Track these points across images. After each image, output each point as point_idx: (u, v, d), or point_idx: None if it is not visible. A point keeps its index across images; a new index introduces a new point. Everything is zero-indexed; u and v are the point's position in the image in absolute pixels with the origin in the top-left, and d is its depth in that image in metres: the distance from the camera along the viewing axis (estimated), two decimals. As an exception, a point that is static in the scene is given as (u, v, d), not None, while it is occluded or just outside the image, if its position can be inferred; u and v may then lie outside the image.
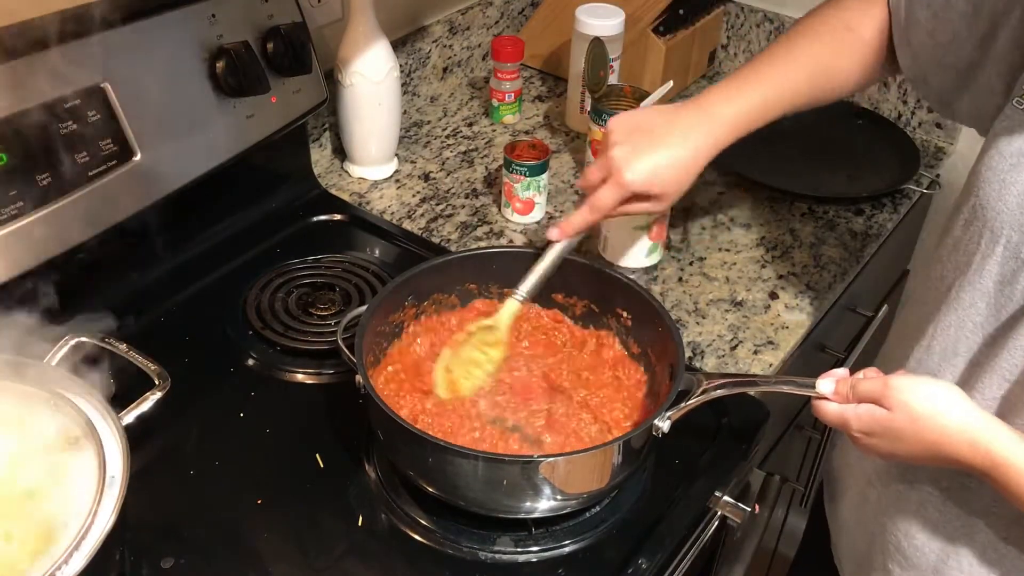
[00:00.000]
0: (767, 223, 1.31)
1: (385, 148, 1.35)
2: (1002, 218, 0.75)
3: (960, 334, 0.82)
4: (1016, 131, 0.76)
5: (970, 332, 0.81)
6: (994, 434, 0.71)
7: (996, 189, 0.76)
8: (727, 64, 1.70)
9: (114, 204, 0.98)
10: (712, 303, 1.17)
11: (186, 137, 1.04)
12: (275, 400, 1.01)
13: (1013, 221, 0.75)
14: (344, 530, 0.88)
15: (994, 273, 0.77)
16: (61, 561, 0.68)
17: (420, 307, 1.01)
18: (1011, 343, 0.76)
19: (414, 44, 1.47)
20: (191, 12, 1.03)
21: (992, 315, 0.78)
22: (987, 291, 0.78)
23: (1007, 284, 0.76)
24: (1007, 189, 0.75)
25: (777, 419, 1.13)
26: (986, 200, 0.77)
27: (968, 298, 0.80)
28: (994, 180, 0.76)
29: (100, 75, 0.95)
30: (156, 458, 0.92)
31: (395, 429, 0.83)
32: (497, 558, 0.87)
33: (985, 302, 0.78)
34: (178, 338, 1.07)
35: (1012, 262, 0.75)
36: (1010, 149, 0.76)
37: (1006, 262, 0.76)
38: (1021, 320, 0.75)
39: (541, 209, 1.29)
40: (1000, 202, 0.75)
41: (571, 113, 1.50)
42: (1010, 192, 0.75)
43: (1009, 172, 0.75)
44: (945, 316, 0.83)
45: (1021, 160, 0.75)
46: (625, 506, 0.92)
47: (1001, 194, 0.75)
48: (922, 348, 0.86)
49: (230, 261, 1.18)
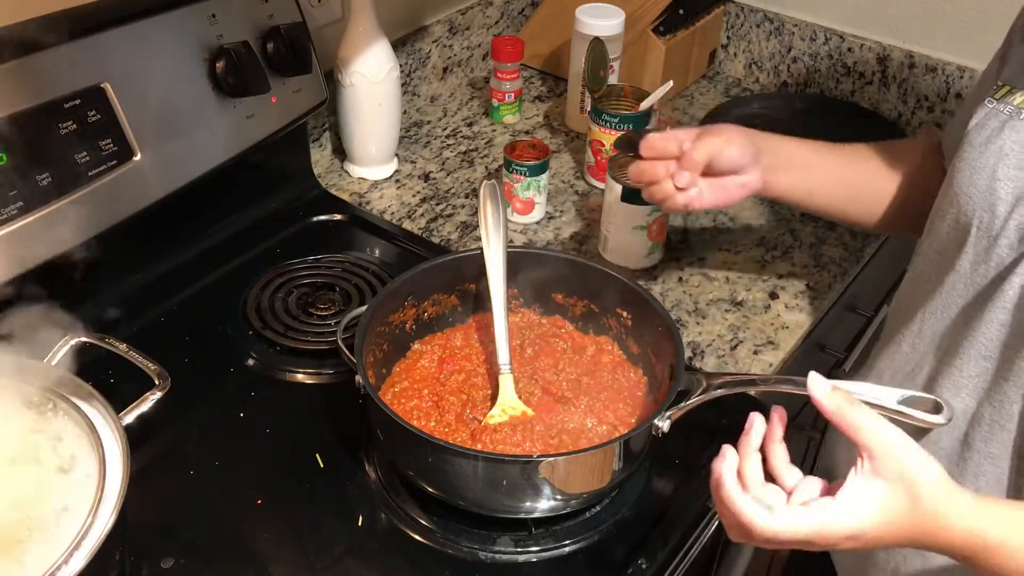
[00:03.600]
0: (767, 223, 1.31)
1: (385, 148, 1.35)
2: (974, 201, 0.80)
3: (945, 316, 0.86)
4: (984, 124, 0.83)
5: (952, 313, 0.85)
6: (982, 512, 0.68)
7: (967, 176, 0.82)
8: (727, 64, 1.70)
9: (114, 204, 0.98)
10: (712, 303, 1.17)
11: (186, 137, 1.04)
12: (275, 400, 1.01)
13: (984, 202, 0.80)
14: (344, 530, 0.88)
15: (969, 254, 0.81)
16: (61, 561, 0.68)
17: (420, 307, 1.01)
18: (987, 317, 0.79)
19: (414, 44, 1.47)
20: (191, 12, 1.03)
21: (969, 293, 0.82)
22: (964, 272, 0.82)
23: (980, 262, 0.81)
24: (977, 174, 0.81)
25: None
26: (959, 187, 0.82)
27: (950, 281, 0.84)
28: (965, 168, 0.82)
29: (100, 75, 0.95)
30: (156, 458, 0.92)
31: (395, 429, 0.83)
32: (497, 558, 0.87)
33: (963, 282, 0.82)
34: (178, 338, 1.07)
35: (984, 241, 0.80)
36: (979, 139, 0.82)
37: (979, 241, 0.80)
38: (994, 295, 0.79)
39: (541, 209, 1.29)
40: (972, 187, 0.81)
41: (571, 113, 1.50)
42: (980, 176, 0.80)
43: (978, 159, 0.81)
44: (933, 301, 0.87)
45: (988, 146, 0.81)
46: (625, 506, 0.92)
47: (972, 179, 0.81)
48: (913, 333, 0.90)
49: (230, 261, 1.18)
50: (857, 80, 1.57)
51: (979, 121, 0.84)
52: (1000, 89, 0.83)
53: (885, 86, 1.54)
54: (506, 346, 0.95)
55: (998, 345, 0.80)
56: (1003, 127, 0.80)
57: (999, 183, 0.78)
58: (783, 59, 1.63)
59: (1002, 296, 0.78)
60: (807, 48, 1.60)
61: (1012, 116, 0.80)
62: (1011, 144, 0.79)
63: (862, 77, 1.56)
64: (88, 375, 0.83)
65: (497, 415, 0.91)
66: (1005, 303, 0.78)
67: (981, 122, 0.83)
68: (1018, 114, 0.80)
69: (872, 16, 1.53)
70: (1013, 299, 0.77)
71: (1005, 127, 0.80)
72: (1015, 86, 0.82)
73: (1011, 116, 0.80)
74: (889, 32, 1.52)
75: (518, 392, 0.94)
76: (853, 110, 1.55)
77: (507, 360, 0.95)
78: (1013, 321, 0.78)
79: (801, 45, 1.60)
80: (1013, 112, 0.80)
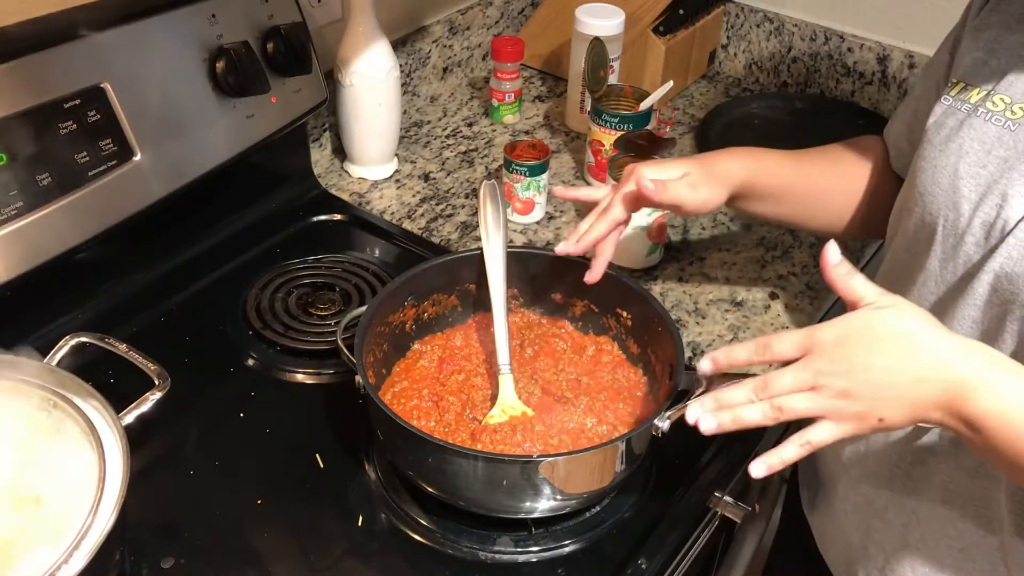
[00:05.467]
0: (767, 223, 1.31)
1: (385, 148, 1.35)
2: (938, 200, 0.81)
3: None
4: (942, 122, 0.83)
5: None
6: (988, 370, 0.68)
7: (930, 175, 0.82)
8: (727, 64, 1.70)
9: (114, 204, 0.98)
10: (712, 303, 1.17)
11: (186, 137, 1.04)
12: (275, 400, 1.01)
13: (947, 200, 0.80)
14: (344, 530, 0.88)
15: (938, 252, 0.81)
16: (61, 561, 0.68)
17: (420, 307, 1.01)
18: (958, 314, 0.79)
19: (414, 44, 1.47)
20: (191, 12, 1.03)
21: (939, 292, 0.82)
22: (933, 271, 0.82)
23: (948, 260, 0.81)
24: (939, 172, 0.81)
25: (777, 419, 1.12)
26: (923, 187, 0.82)
27: (920, 278, 0.84)
28: (927, 167, 0.82)
29: (100, 75, 0.95)
30: (156, 458, 0.93)
31: (395, 429, 0.83)
32: (497, 558, 0.87)
33: (933, 280, 0.82)
34: (178, 338, 1.07)
35: (951, 239, 0.80)
36: (939, 137, 0.82)
37: (945, 240, 0.80)
38: (964, 292, 0.79)
39: (541, 209, 1.29)
40: (935, 185, 0.81)
41: (571, 113, 1.50)
42: (942, 175, 0.80)
43: (938, 157, 0.81)
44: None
45: (948, 145, 0.81)
46: (625, 506, 0.92)
47: (935, 178, 0.81)
48: None
49: (230, 261, 1.18)
50: (857, 80, 1.57)
51: (937, 119, 0.84)
52: (955, 86, 0.84)
53: (885, 86, 1.54)
54: (506, 346, 0.95)
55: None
56: (961, 125, 0.81)
57: (961, 181, 0.78)
58: (783, 59, 1.63)
59: (972, 293, 0.78)
60: (807, 48, 1.60)
61: (969, 114, 0.81)
62: (970, 142, 0.79)
63: (862, 77, 1.56)
64: (88, 375, 0.83)
65: (497, 415, 0.91)
66: (976, 300, 0.78)
67: (939, 120, 0.84)
68: (974, 111, 0.80)
69: (872, 16, 1.53)
70: (983, 296, 0.77)
71: (963, 125, 0.81)
72: (969, 83, 0.83)
73: (968, 114, 0.81)
74: (889, 32, 1.52)
75: (518, 392, 0.94)
76: (853, 110, 1.55)
77: (507, 360, 0.95)
78: (983, 318, 0.78)
79: (801, 45, 1.60)
80: (970, 110, 0.81)
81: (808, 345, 0.70)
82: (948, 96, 0.84)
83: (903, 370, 0.68)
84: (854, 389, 0.68)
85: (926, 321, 0.69)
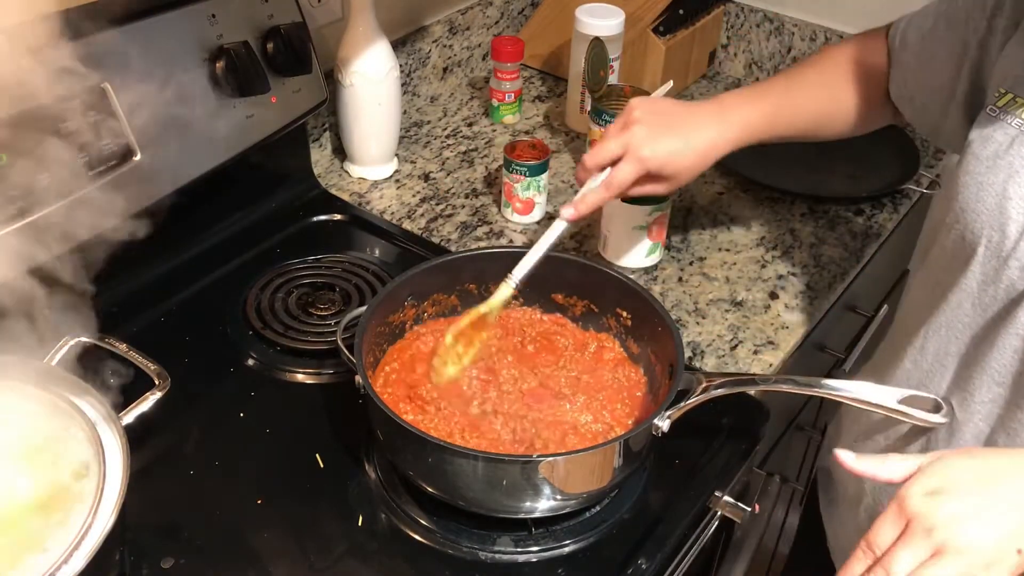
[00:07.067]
0: (767, 223, 1.31)
1: (385, 148, 1.35)
2: (981, 219, 0.77)
3: (950, 335, 0.83)
4: (990, 136, 0.79)
5: (959, 333, 0.82)
6: None
7: (974, 192, 0.78)
8: (727, 64, 1.70)
9: (114, 204, 0.98)
10: (712, 303, 1.17)
11: (186, 137, 1.04)
12: (275, 400, 1.01)
13: (992, 221, 0.77)
14: (344, 530, 0.88)
15: (977, 273, 0.79)
16: (61, 561, 0.68)
17: (420, 307, 1.01)
18: (999, 343, 0.77)
19: (414, 44, 1.47)
20: (191, 12, 1.03)
21: (978, 315, 0.80)
22: (971, 291, 0.80)
23: (990, 284, 0.78)
24: (984, 191, 0.77)
25: (777, 419, 1.12)
26: (965, 203, 0.79)
27: (956, 299, 0.81)
28: (971, 184, 0.79)
29: (100, 75, 0.95)
30: (156, 458, 0.92)
31: (395, 429, 0.83)
32: (497, 558, 0.87)
33: (971, 302, 0.80)
34: (178, 338, 1.07)
35: (993, 261, 0.77)
36: (985, 153, 0.79)
37: (987, 261, 0.78)
38: (1006, 319, 0.77)
39: (541, 209, 1.29)
40: (979, 203, 0.78)
41: (571, 113, 1.50)
42: (988, 193, 0.77)
43: (985, 175, 0.78)
44: (936, 318, 0.84)
45: (996, 162, 0.77)
46: (625, 506, 0.92)
47: (979, 196, 0.78)
48: (916, 349, 0.87)
49: (230, 261, 1.18)
50: (857, 80, 1.57)
51: (983, 132, 0.80)
52: (1003, 96, 0.81)
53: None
54: (530, 267, 0.94)
55: (1011, 372, 0.78)
56: (1012, 143, 0.77)
57: (1010, 202, 0.75)
58: (783, 59, 1.63)
59: (1015, 322, 0.76)
60: (807, 48, 1.60)
61: (1021, 130, 0.77)
62: (1021, 161, 0.76)
63: (862, 77, 1.56)
64: (88, 375, 0.83)
65: (471, 318, 0.93)
66: (1018, 329, 0.76)
67: (986, 134, 0.80)
68: None
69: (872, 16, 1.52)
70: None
71: (1015, 143, 0.77)
72: (1018, 94, 0.80)
73: (1020, 130, 0.77)
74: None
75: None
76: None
77: (519, 277, 0.94)
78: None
79: (801, 45, 1.60)
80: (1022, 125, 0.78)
81: (902, 518, 0.65)
82: (995, 107, 0.80)
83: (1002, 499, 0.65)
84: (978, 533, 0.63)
85: (985, 448, 0.70)
